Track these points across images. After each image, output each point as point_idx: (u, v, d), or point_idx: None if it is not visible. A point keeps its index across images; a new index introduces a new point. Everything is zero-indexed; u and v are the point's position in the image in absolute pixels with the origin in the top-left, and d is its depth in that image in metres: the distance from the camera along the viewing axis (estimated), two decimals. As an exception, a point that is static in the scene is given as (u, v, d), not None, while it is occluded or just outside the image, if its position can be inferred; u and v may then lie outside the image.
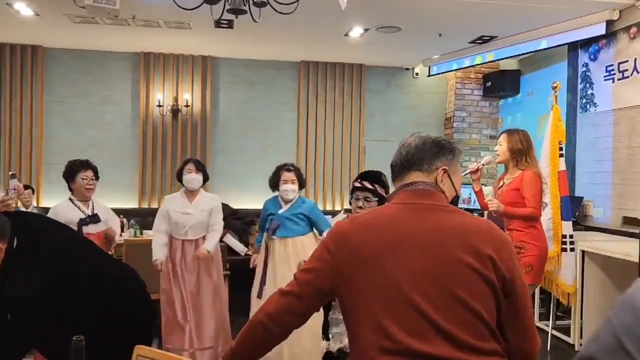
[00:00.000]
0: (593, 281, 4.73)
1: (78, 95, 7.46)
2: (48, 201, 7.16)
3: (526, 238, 3.78)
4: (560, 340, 4.97)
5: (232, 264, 5.38)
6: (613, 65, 5.38)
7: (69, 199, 3.87)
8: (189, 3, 3.51)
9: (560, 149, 4.66)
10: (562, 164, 4.66)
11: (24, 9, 5.54)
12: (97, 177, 3.94)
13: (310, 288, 1.59)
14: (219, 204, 4.37)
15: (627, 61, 5.19)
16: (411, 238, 1.52)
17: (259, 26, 4.37)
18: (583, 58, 5.82)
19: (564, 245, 4.58)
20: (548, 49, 6.16)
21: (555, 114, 4.71)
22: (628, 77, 5.18)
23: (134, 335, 2.22)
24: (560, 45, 5.97)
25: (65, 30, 6.36)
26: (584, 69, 5.80)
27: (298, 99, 7.84)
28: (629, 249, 4.24)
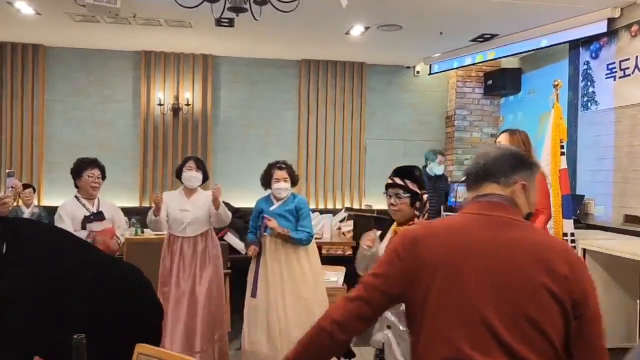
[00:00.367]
0: (594, 279, 4.70)
1: (79, 94, 7.46)
2: (49, 200, 7.16)
3: None
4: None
5: (233, 262, 5.38)
6: (614, 63, 5.38)
7: (75, 196, 3.85)
8: (190, 1, 3.51)
9: (562, 147, 4.64)
10: (564, 162, 4.64)
11: (24, 7, 5.54)
12: (104, 177, 3.91)
13: (379, 293, 1.56)
14: None
15: (629, 59, 5.18)
16: (484, 250, 1.49)
17: (259, 24, 4.37)
18: (584, 56, 5.81)
19: (565, 244, 4.57)
20: (549, 47, 6.15)
21: (556, 112, 4.69)
22: (629, 75, 5.17)
23: (140, 336, 2.21)
24: (561, 43, 5.96)
25: (66, 29, 6.36)
26: (585, 67, 5.79)
27: (299, 97, 7.84)
28: (634, 248, 4.23)
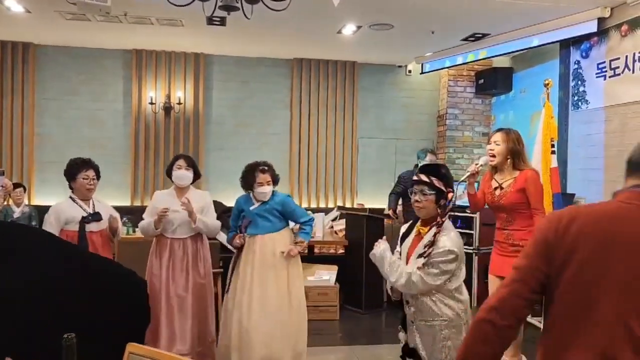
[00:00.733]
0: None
1: (70, 92, 7.42)
2: (40, 199, 7.12)
3: (528, 237, 3.78)
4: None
5: (226, 261, 5.36)
6: (605, 62, 5.41)
7: (70, 197, 3.79)
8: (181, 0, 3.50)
9: (552, 145, 4.68)
10: (554, 161, 4.68)
11: (14, 5, 5.50)
12: (99, 177, 3.85)
13: (531, 270, 1.53)
14: (210, 200, 4.23)
15: (619, 58, 5.21)
16: (636, 241, 1.44)
17: (251, 23, 4.36)
18: (575, 55, 5.85)
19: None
20: (540, 46, 6.18)
21: (547, 111, 4.73)
22: (619, 75, 5.21)
23: (130, 337, 2.21)
24: (552, 43, 5.99)
25: (56, 27, 6.32)
26: (576, 66, 5.83)
27: (291, 96, 7.83)
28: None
